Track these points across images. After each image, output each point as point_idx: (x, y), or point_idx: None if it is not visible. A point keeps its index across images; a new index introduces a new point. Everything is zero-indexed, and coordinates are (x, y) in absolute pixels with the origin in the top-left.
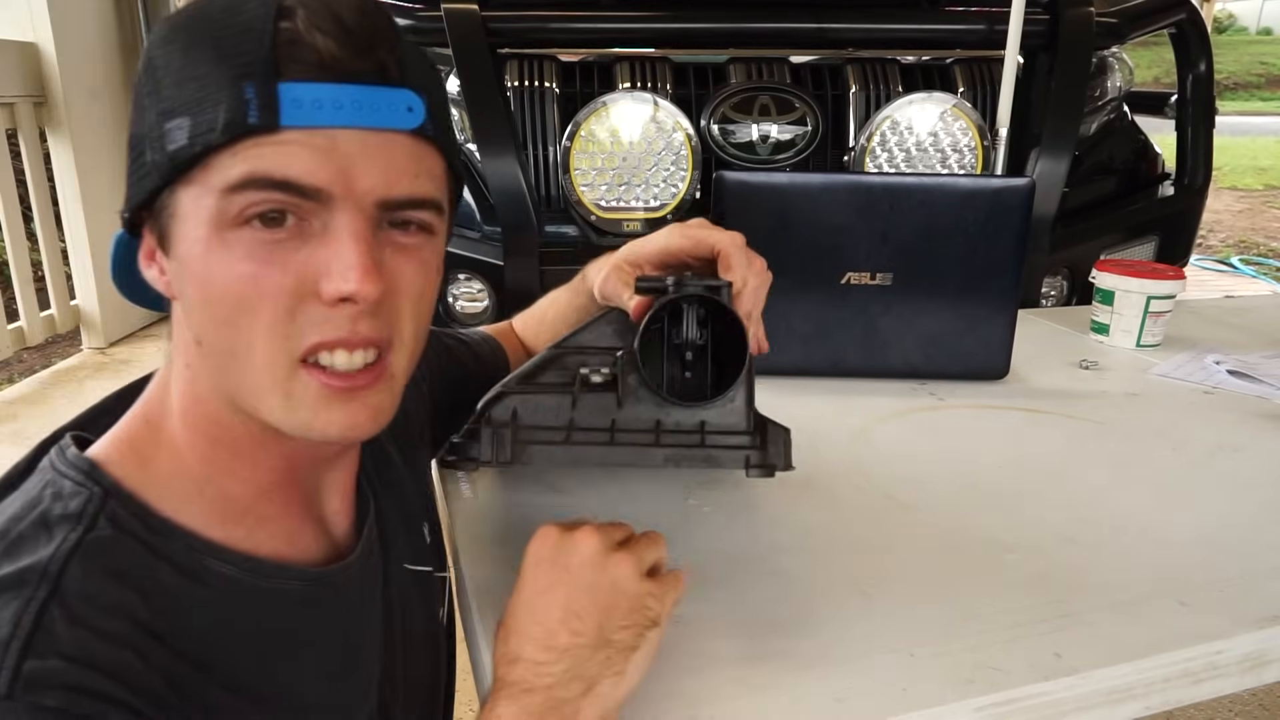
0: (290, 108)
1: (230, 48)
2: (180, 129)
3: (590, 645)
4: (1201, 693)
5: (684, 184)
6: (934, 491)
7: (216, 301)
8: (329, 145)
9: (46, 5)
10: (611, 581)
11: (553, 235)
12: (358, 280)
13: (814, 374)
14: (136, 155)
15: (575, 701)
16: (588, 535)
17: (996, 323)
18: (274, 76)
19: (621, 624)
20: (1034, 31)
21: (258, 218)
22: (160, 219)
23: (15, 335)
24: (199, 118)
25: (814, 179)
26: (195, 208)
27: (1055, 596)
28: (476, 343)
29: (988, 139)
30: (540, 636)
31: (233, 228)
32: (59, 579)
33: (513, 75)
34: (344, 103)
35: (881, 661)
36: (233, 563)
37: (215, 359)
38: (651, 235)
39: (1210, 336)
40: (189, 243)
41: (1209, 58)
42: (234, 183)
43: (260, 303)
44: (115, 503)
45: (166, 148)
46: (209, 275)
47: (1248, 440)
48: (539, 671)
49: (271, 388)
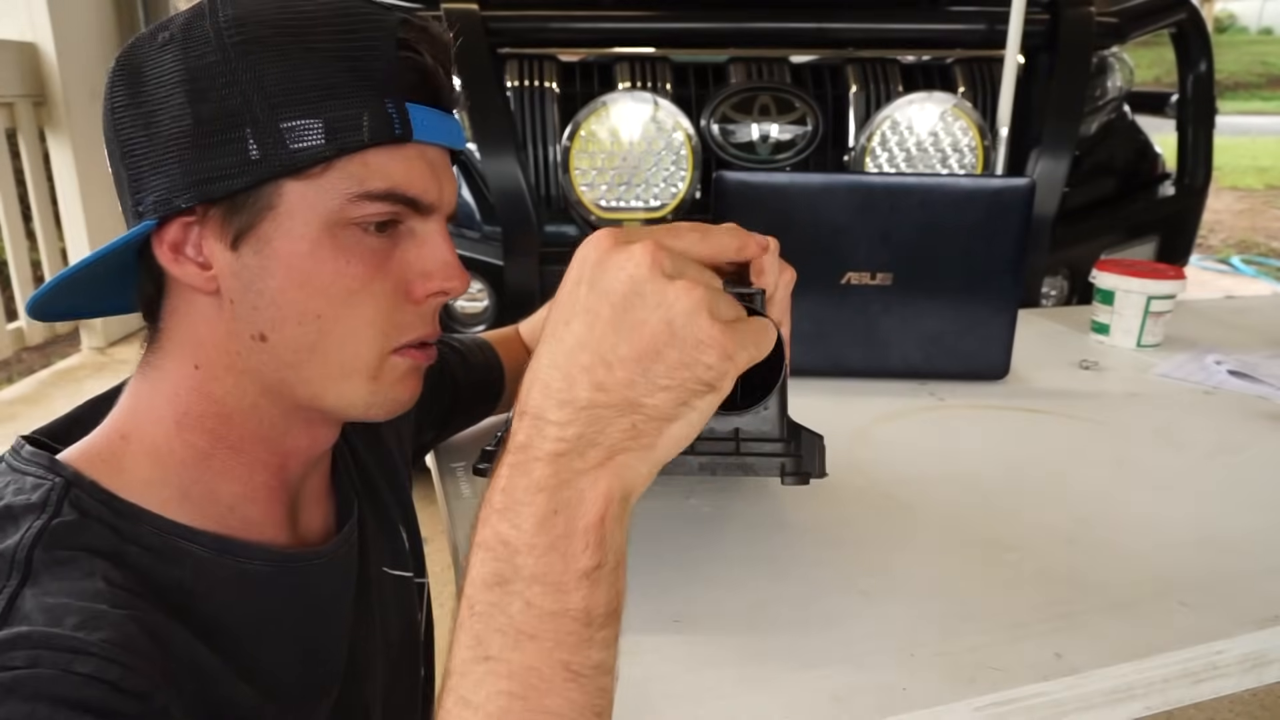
0: (418, 125)
1: (363, 62)
2: (311, 130)
3: (615, 405)
4: (1201, 693)
5: (684, 184)
6: (934, 491)
7: (318, 296)
8: (433, 161)
9: (46, 5)
10: (663, 318)
11: (553, 235)
12: (458, 279)
13: (814, 374)
14: (222, 139)
15: (591, 473)
16: (646, 254)
17: (996, 323)
18: (405, 96)
19: (663, 383)
20: (1034, 31)
21: (374, 223)
22: (244, 211)
23: (15, 335)
24: (335, 123)
25: (814, 179)
26: (307, 204)
27: (1055, 596)
28: (471, 350)
29: (988, 139)
30: (557, 386)
31: (345, 227)
32: (28, 565)
33: (513, 75)
34: (439, 126)
35: (881, 661)
36: (202, 543)
37: (288, 353)
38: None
39: (1211, 336)
40: (293, 238)
41: (1209, 57)
42: (372, 192)
43: (365, 300)
44: (78, 490)
45: (288, 144)
46: (313, 272)
47: (1248, 440)
48: (546, 433)
49: (361, 373)
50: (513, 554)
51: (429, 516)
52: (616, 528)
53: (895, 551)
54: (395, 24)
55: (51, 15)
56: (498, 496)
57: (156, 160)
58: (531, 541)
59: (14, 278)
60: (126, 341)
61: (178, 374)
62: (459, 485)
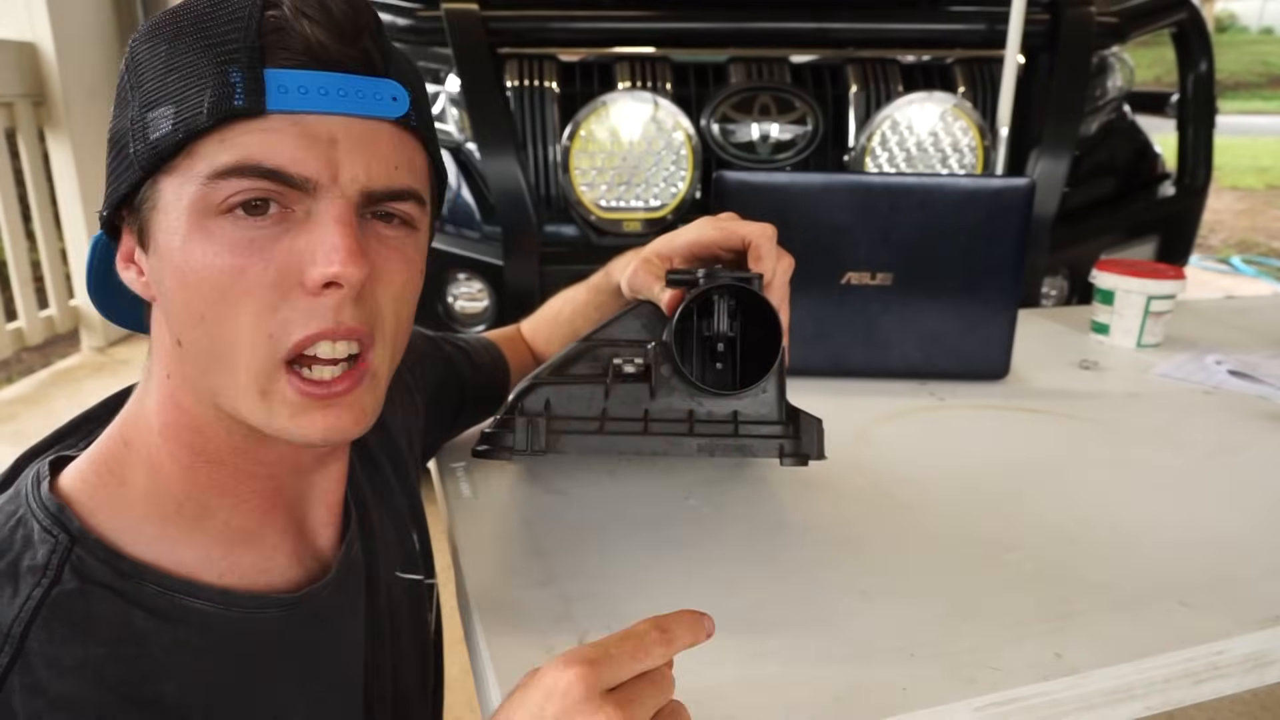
0: (277, 94)
1: (217, 36)
2: (164, 117)
3: None
4: (1202, 693)
5: (684, 184)
6: (934, 491)
7: (197, 295)
8: (315, 132)
9: (46, 5)
10: None
11: (553, 235)
12: (342, 262)
13: (814, 374)
14: (117, 151)
15: None
16: (570, 688)
17: (997, 323)
18: (260, 62)
19: None
20: (1034, 31)
21: (241, 206)
22: (140, 213)
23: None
24: (183, 105)
25: (814, 179)
26: (177, 196)
27: (1055, 596)
28: (476, 350)
29: (988, 139)
30: None
31: (215, 216)
32: (21, 642)
33: (513, 75)
34: (330, 90)
35: (881, 661)
36: (207, 598)
37: (196, 360)
38: (681, 229)
39: (1211, 336)
40: (169, 233)
41: (1210, 57)
42: (220, 169)
43: (243, 296)
44: (81, 550)
45: (149, 137)
46: (189, 265)
47: (1248, 440)
48: None
49: (251, 387)
50: None
51: (429, 517)
52: None
53: (895, 551)
54: None
55: (51, 15)
56: None
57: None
58: None
59: (14, 278)
60: (126, 342)
61: (157, 382)
62: (459, 485)
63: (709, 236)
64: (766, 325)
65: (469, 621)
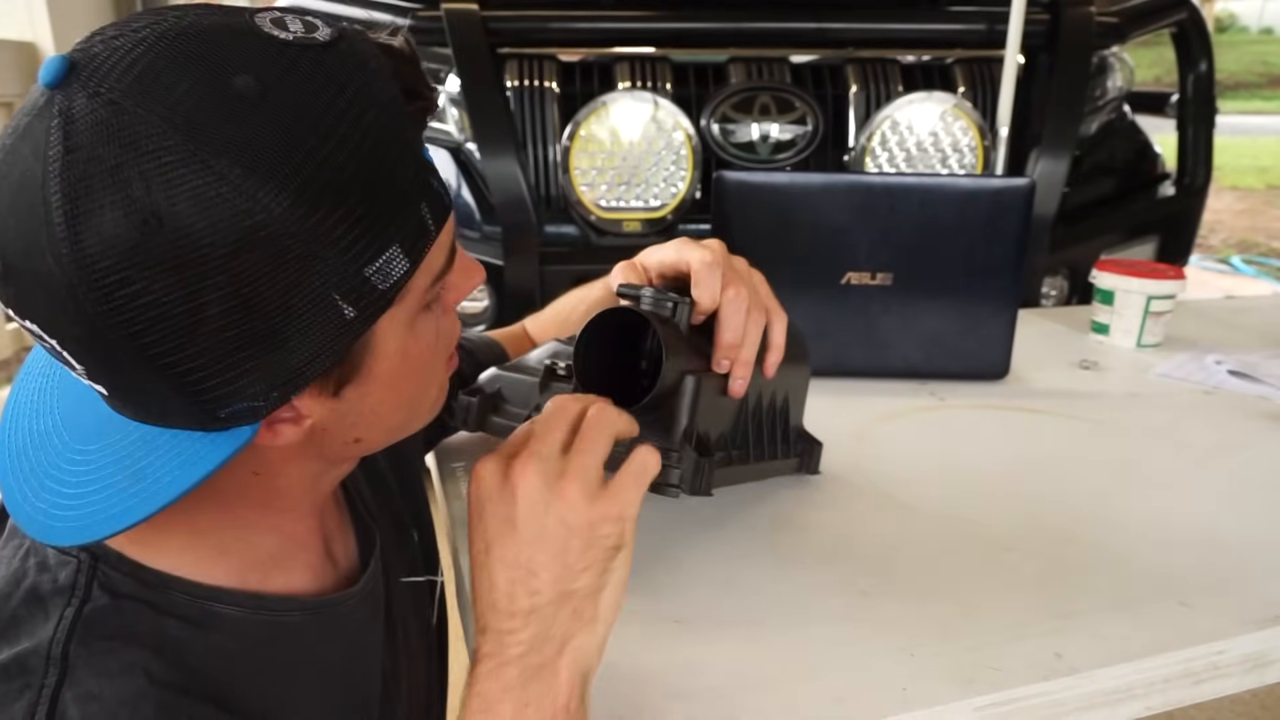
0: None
1: (398, 154)
2: (394, 259)
3: (552, 602)
4: (1202, 693)
5: (684, 184)
6: (934, 491)
7: (408, 388)
8: None
9: (46, 5)
10: (559, 521)
11: (553, 235)
12: (477, 272)
13: (814, 374)
14: (303, 328)
15: (552, 664)
16: (523, 473)
17: (997, 323)
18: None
19: (580, 567)
20: (1034, 31)
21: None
22: (346, 364)
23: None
24: (405, 236)
25: (814, 179)
26: (396, 323)
27: (1055, 596)
28: (480, 349)
29: (988, 139)
30: (500, 602)
31: (420, 313)
32: (64, 661)
33: (513, 75)
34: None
35: (881, 661)
36: (236, 603)
37: (384, 437)
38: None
39: (1211, 336)
40: (389, 358)
41: (1210, 57)
42: (438, 270)
43: (442, 351)
44: (105, 566)
45: (380, 286)
46: (410, 368)
47: (1248, 440)
48: (506, 641)
49: (436, 397)
50: None
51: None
52: (580, 707)
53: (895, 551)
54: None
55: (51, 15)
56: (475, 701)
57: (223, 363)
58: None
59: None
60: None
61: (226, 479)
62: (459, 485)
63: (668, 258)
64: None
65: (468, 621)
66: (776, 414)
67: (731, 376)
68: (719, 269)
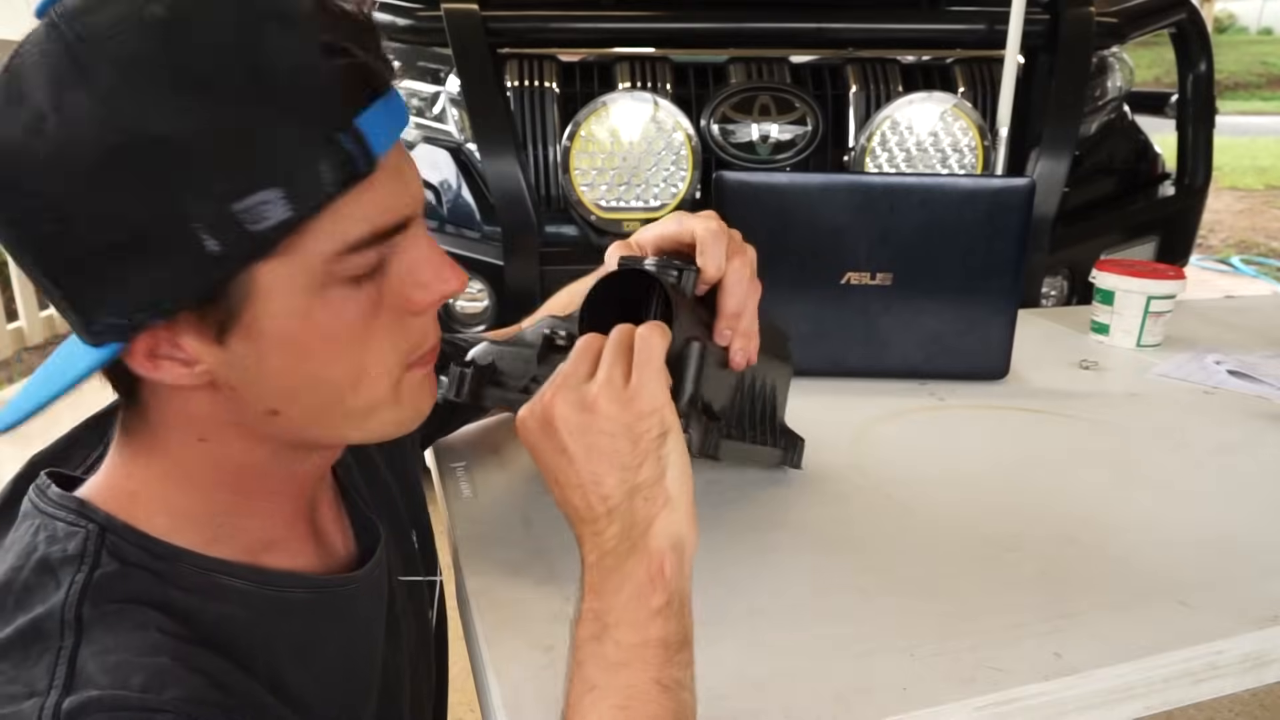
0: (375, 138)
1: (297, 100)
2: (269, 203)
3: (624, 498)
4: (1201, 693)
5: (684, 184)
6: (934, 491)
7: (323, 364)
8: (397, 168)
9: None
10: (600, 433)
11: (553, 235)
12: (455, 278)
13: (814, 374)
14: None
15: (642, 542)
16: (557, 405)
17: (996, 323)
18: (353, 114)
19: (635, 464)
20: (1034, 31)
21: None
22: (219, 306)
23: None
24: (293, 184)
25: (814, 179)
26: (289, 279)
27: (1055, 596)
28: None
29: (988, 139)
30: (582, 513)
31: (337, 284)
32: (79, 624)
33: (513, 75)
34: (390, 119)
35: (881, 661)
36: (241, 576)
37: (304, 418)
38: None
39: (1210, 336)
40: (280, 319)
41: (1209, 57)
42: (353, 244)
43: (372, 342)
44: (114, 536)
45: (249, 227)
46: (313, 343)
47: (1248, 440)
48: (600, 540)
49: (382, 402)
50: (602, 614)
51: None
52: (676, 574)
53: (895, 551)
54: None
55: None
56: (589, 577)
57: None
58: (613, 602)
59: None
60: None
61: (180, 448)
62: (459, 485)
63: (669, 230)
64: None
65: (469, 621)
66: (765, 400)
67: (733, 348)
68: (724, 238)
